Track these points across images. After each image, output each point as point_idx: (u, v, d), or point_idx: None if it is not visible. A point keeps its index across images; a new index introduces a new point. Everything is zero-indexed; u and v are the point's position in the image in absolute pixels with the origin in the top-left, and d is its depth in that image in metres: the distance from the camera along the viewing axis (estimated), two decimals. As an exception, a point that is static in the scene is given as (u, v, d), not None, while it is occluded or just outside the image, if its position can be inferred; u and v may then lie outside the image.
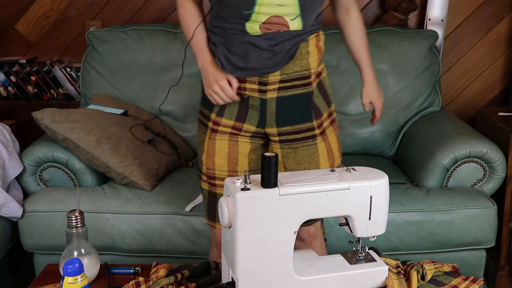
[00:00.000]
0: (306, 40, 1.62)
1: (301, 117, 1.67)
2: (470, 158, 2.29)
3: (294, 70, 1.62)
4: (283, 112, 1.65)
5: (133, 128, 2.42)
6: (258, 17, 1.56)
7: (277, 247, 1.30)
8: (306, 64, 1.64)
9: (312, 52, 1.64)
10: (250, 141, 1.70)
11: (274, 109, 1.65)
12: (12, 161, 2.28)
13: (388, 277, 1.39)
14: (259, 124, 1.67)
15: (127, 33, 2.72)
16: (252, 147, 1.70)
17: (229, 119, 1.68)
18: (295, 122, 1.67)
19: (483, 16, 3.02)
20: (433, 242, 2.21)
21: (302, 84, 1.65)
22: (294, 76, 1.63)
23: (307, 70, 1.64)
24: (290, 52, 1.60)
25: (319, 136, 1.69)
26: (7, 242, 2.25)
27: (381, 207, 1.36)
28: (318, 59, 1.67)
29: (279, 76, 1.61)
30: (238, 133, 1.68)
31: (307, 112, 1.68)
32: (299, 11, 1.56)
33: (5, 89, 2.99)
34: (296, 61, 1.62)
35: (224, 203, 1.27)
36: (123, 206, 2.21)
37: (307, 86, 1.66)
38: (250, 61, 1.60)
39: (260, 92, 1.63)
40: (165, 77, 2.70)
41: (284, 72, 1.61)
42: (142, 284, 1.44)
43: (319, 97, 1.70)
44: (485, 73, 3.10)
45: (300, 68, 1.63)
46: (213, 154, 1.70)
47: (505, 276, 2.45)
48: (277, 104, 1.64)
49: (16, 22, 3.07)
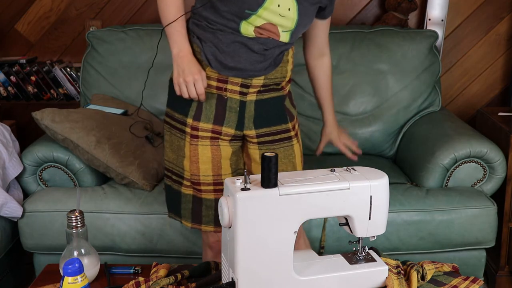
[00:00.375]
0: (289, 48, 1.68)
1: (277, 119, 1.72)
2: (470, 158, 2.29)
3: (275, 76, 1.67)
4: (261, 114, 1.69)
5: (133, 127, 2.42)
6: (256, 20, 1.56)
7: (277, 247, 1.30)
8: (284, 72, 1.69)
9: (289, 60, 1.71)
10: (230, 144, 1.70)
11: (253, 111, 1.68)
12: (12, 161, 2.28)
13: (388, 277, 1.39)
14: (237, 126, 1.68)
15: (127, 33, 2.72)
16: (232, 150, 1.71)
17: (206, 122, 1.66)
18: (272, 123, 1.71)
19: (483, 16, 3.02)
20: (433, 242, 2.21)
21: (279, 89, 1.71)
22: (273, 82, 1.68)
23: (284, 77, 1.70)
24: (278, 59, 1.65)
25: (294, 137, 1.76)
26: (7, 242, 2.25)
27: (381, 207, 1.36)
28: (291, 68, 1.74)
29: (262, 80, 1.65)
30: (218, 137, 1.67)
31: (282, 114, 1.73)
32: (294, 26, 1.61)
33: (5, 89, 2.99)
34: (278, 68, 1.67)
35: (224, 203, 1.27)
36: (123, 206, 2.21)
37: (281, 89, 1.72)
38: (241, 61, 1.60)
39: (241, 94, 1.65)
40: (165, 77, 2.70)
41: (267, 77, 1.66)
42: (142, 284, 1.45)
43: (290, 103, 1.77)
44: (485, 73, 3.10)
45: (280, 75, 1.68)
46: (197, 160, 1.68)
47: (505, 276, 2.45)
48: (255, 106, 1.68)
49: (16, 22, 3.07)
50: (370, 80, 2.69)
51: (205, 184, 1.69)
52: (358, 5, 3.04)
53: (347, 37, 2.74)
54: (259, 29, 1.58)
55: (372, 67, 2.70)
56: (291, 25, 1.61)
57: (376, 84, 2.69)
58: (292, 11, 1.58)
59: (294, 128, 1.77)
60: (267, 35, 1.60)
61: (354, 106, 2.69)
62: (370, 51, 2.71)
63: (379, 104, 2.69)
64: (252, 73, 1.62)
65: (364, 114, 2.69)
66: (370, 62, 2.70)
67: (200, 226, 1.75)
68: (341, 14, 3.03)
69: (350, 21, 3.05)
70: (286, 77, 1.71)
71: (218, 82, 1.63)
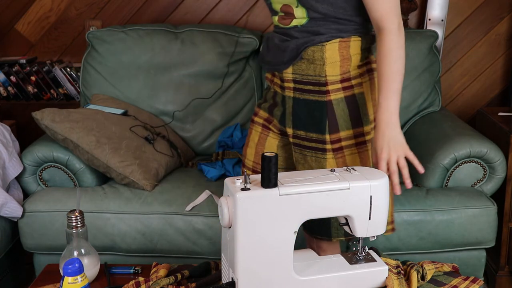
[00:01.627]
0: (319, 44, 1.51)
1: (314, 126, 1.57)
2: (470, 158, 2.29)
3: (307, 73, 1.54)
4: (299, 114, 1.59)
5: (133, 128, 2.42)
6: (275, 5, 1.57)
7: (277, 247, 1.30)
8: (320, 70, 1.53)
9: (330, 58, 1.52)
10: (280, 137, 1.69)
11: (291, 108, 1.60)
12: (12, 161, 2.28)
13: (388, 277, 1.39)
14: (280, 121, 1.66)
15: (127, 33, 2.72)
16: (280, 144, 1.69)
17: (264, 111, 1.71)
18: (308, 129, 1.58)
19: (483, 16, 3.02)
20: (433, 242, 2.21)
21: (317, 91, 1.55)
22: (307, 79, 1.55)
23: (323, 77, 1.53)
24: (295, 52, 1.53)
25: (331, 152, 1.57)
26: (7, 242, 2.25)
27: (381, 207, 1.36)
28: (343, 67, 1.53)
29: (291, 74, 1.57)
30: (269, 126, 1.69)
31: (320, 123, 1.56)
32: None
33: (5, 89, 2.99)
34: (310, 65, 1.54)
35: (224, 203, 1.27)
36: (123, 206, 2.21)
37: (322, 94, 1.54)
38: (268, 55, 1.64)
39: (281, 88, 1.63)
40: (165, 77, 2.70)
41: (296, 71, 1.56)
42: (142, 284, 1.45)
43: (344, 112, 1.55)
44: (485, 73, 3.10)
45: (314, 73, 1.54)
46: (248, 142, 1.75)
47: (505, 276, 2.45)
48: (293, 104, 1.59)
49: (16, 22, 3.07)
50: (370, 80, 2.69)
51: (246, 167, 1.75)
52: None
53: (347, 37, 2.74)
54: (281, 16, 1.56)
55: (372, 67, 2.70)
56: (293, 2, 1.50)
57: (376, 84, 2.69)
58: None
59: (335, 142, 1.56)
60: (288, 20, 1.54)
61: (354, 106, 2.69)
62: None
63: (379, 104, 2.69)
64: (275, 67, 1.61)
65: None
66: (370, 62, 2.70)
67: None
68: (341, 14, 3.03)
69: (350, 21, 3.05)
70: (327, 77, 1.52)
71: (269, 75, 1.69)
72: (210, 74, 2.70)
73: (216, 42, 2.71)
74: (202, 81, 2.70)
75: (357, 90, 1.56)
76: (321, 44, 1.51)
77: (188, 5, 3.04)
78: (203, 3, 3.04)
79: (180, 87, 2.71)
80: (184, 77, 2.71)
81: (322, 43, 1.51)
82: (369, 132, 1.58)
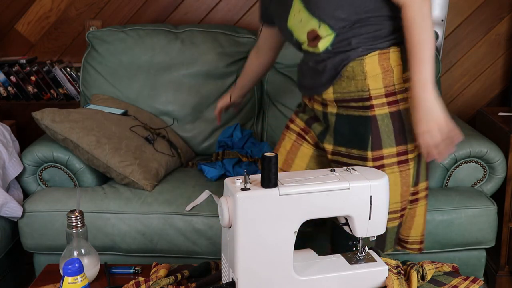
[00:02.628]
0: (357, 58, 1.48)
1: (357, 142, 1.53)
2: (470, 158, 2.29)
3: (349, 90, 1.50)
4: (342, 131, 1.55)
5: (133, 128, 2.42)
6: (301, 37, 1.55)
7: (277, 247, 1.30)
8: (363, 85, 1.49)
9: (371, 71, 1.48)
10: (314, 149, 1.67)
11: (334, 124, 1.56)
12: (12, 161, 2.28)
13: (388, 277, 1.39)
14: (319, 136, 1.62)
15: (127, 33, 2.72)
16: (313, 154, 1.66)
17: (301, 120, 1.69)
18: (350, 145, 1.54)
19: (483, 16, 3.02)
20: (433, 242, 2.21)
21: (361, 107, 1.51)
22: (349, 97, 1.51)
23: (366, 92, 1.49)
24: (333, 72, 1.50)
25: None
26: (7, 242, 2.25)
27: (381, 207, 1.36)
28: (386, 79, 1.49)
29: (332, 95, 1.53)
30: (305, 136, 1.67)
31: (363, 139, 1.51)
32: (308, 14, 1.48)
33: (5, 89, 2.99)
34: (351, 81, 1.49)
35: (224, 203, 1.27)
36: (123, 206, 2.21)
37: (366, 109, 1.50)
38: (304, 80, 1.62)
39: (323, 105, 1.59)
40: (165, 77, 2.70)
41: (337, 91, 1.52)
42: (142, 284, 1.45)
43: (388, 128, 1.50)
44: (485, 73, 3.10)
45: (355, 89, 1.49)
46: (278, 149, 1.73)
47: (505, 276, 2.45)
48: (337, 120, 1.55)
49: (16, 22, 3.07)
50: (370, 80, 2.69)
51: None
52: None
53: (347, 37, 2.74)
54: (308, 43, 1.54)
55: (372, 67, 2.70)
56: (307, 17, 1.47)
57: (376, 84, 2.69)
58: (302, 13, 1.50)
59: (377, 159, 1.51)
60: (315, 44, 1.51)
61: (354, 106, 2.69)
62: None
63: (379, 104, 2.69)
64: (313, 91, 1.58)
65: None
66: (370, 62, 2.70)
67: None
68: (341, 14, 3.03)
69: (350, 21, 3.05)
70: (370, 92, 1.48)
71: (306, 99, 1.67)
72: (210, 74, 2.70)
73: (216, 42, 2.71)
74: (202, 81, 2.71)
75: (402, 105, 1.51)
76: (359, 58, 1.48)
77: (188, 5, 3.04)
78: (203, 3, 3.04)
79: (180, 87, 2.71)
80: (184, 77, 2.71)
81: (361, 57, 1.48)
82: (413, 150, 1.54)
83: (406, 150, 1.52)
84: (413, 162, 1.54)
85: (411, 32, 1.43)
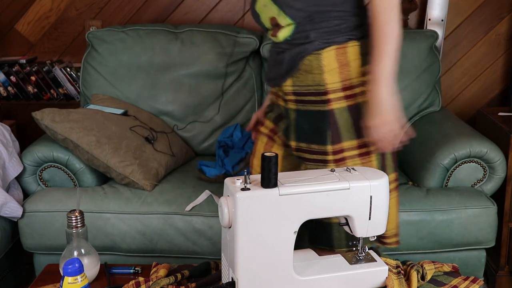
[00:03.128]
0: (315, 52, 1.48)
1: (316, 137, 1.53)
2: (470, 158, 2.29)
3: (307, 84, 1.50)
4: (302, 126, 1.55)
5: (133, 128, 2.42)
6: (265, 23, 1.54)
7: (277, 247, 1.30)
8: (319, 79, 1.48)
9: (328, 66, 1.47)
10: (285, 149, 1.66)
11: (294, 120, 1.56)
12: (12, 161, 2.28)
13: (388, 277, 1.39)
14: (284, 133, 1.62)
15: (127, 33, 2.72)
16: (284, 155, 1.65)
17: (269, 120, 1.69)
18: (310, 140, 1.54)
19: (483, 16, 3.02)
20: (433, 242, 2.21)
21: (318, 101, 1.50)
22: (307, 90, 1.51)
23: (322, 86, 1.48)
24: (291, 64, 1.50)
25: (331, 163, 1.52)
26: (7, 242, 2.25)
27: (381, 207, 1.36)
28: (343, 74, 1.48)
29: (291, 87, 1.53)
30: (273, 137, 1.67)
31: (322, 133, 1.51)
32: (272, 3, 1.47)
33: (5, 89, 2.99)
34: (308, 75, 1.49)
35: (224, 203, 1.27)
36: (123, 206, 2.21)
37: (324, 103, 1.50)
38: (269, 69, 1.63)
39: (284, 101, 1.59)
40: (165, 77, 2.70)
41: (295, 84, 1.52)
42: (142, 284, 1.45)
43: (347, 121, 1.50)
44: (485, 73, 3.10)
45: (313, 83, 1.49)
46: (254, 153, 1.74)
47: (505, 276, 2.45)
48: (296, 116, 1.55)
49: (16, 22, 3.07)
50: (370, 80, 2.69)
51: None
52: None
53: (347, 37, 2.74)
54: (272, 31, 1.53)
55: (372, 67, 2.70)
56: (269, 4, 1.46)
57: (376, 84, 2.69)
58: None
59: (337, 153, 1.51)
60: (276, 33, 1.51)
61: (354, 106, 2.69)
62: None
63: (379, 104, 2.69)
64: (274, 82, 1.59)
65: (364, 114, 2.68)
66: (370, 62, 2.70)
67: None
68: (341, 14, 3.03)
69: (350, 21, 3.05)
70: (327, 86, 1.48)
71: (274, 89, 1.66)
72: (210, 74, 2.70)
73: (216, 42, 2.71)
74: (202, 81, 2.71)
75: (361, 99, 1.50)
76: (317, 52, 1.47)
77: (188, 5, 3.04)
78: (203, 3, 3.04)
79: (180, 87, 2.71)
80: (184, 77, 2.71)
81: (318, 51, 1.47)
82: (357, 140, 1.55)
83: (367, 142, 1.51)
84: (375, 154, 1.54)
85: (374, 24, 1.42)
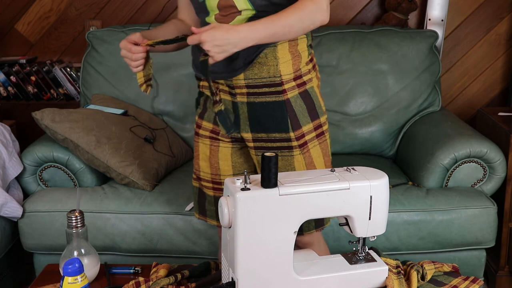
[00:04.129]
0: (271, 45, 1.51)
1: (276, 126, 1.58)
2: (470, 158, 2.29)
3: (261, 76, 1.53)
4: (257, 118, 1.58)
5: (133, 128, 2.42)
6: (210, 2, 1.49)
7: (277, 247, 1.30)
8: (274, 71, 1.53)
9: (282, 58, 1.53)
10: (232, 145, 1.67)
11: (246, 113, 1.58)
12: (12, 161, 2.28)
13: (388, 277, 1.39)
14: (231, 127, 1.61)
15: (127, 33, 2.72)
16: (233, 151, 1.67)
17: (208, 121, 1.66)
18: (270, 130, 1.59)
19: (483, 16, 3.02)
20: (433, 242, 2.21)
21: (274, 92, 1.55)
22: (261, 82, 1.53)
23: (278, 77, 1.53)
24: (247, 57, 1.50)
25: (297, 148, 1.59)
26: (7, 242, 2.25)
27: (381, 207, 1.36)
28: (295, 65, 1.55)
29: (243, 80, 1.54)
30: (217, 137, 1.66)
31: (282, 122, 1.57)
32: None
33: (5, 89, 2.99)
34: (263, 67, 1.52)
35: (224, 203, 1.27)
36: (123, 206, 2.21)
37: (279, 94, 1.55)
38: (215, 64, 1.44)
39: (231, 94, 1.58)
40: (165, 77, 2.70)
41: (248, 77, 1.53)
42: (142, 284, 1.45)
43: (302, 107, 1.58)
44: (485, 73, 3.10)
45: (267, 75, 1.53)
46: (198, 156, 1.71)
47: (505, 276, 2.45)
48: (249, 109, 1.57)
49: (16, 22, 3.07)
50: (370, 80, 2.69)
51: (204, 180, 1.72)
52: (358, 5, 3.04)
53: (347, 37, 2.74)
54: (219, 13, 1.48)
55: (372, 67, 2.70)
56: None
57: (376, 84, 2.69)
58: None
59: (300, 138, 1.59)
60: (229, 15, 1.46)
61: (354, 106, 2.69)
62: (370, 51, 2.71)
63: (379, 104, 2.69)
64: (222, 75, 1.54)
65: (364, 114, 2.69)
66: (370, 62, 2.70)
67: (205, 219, 1.77)
68: (341, 14, 3.03)
69: (350, 21, 3.05)
70: (282, 77, 1.53)
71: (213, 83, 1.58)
72: (210, 74, 2.70)
73: (216, 42, 2.70)
74: (202, 81, 2.70)
75: (309, 85, 1.60)
76: (273, 45, 1.51)
77: (188, 5, 3.04)
78: (203, 3, 3.04)
79: (180, 87, 2.71)
80: (184, 77, 2.71)
81: (274, 44, 1.51)
82: (325, 122, 1.65)
83: (320, 123, 1.63)
84: (327, 133, 1.66)
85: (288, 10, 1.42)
